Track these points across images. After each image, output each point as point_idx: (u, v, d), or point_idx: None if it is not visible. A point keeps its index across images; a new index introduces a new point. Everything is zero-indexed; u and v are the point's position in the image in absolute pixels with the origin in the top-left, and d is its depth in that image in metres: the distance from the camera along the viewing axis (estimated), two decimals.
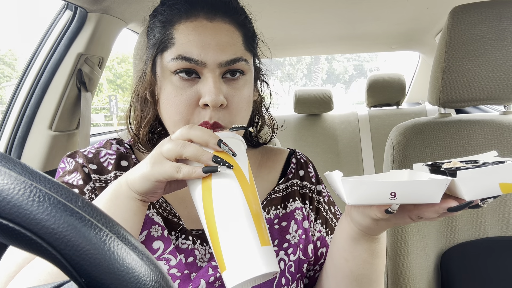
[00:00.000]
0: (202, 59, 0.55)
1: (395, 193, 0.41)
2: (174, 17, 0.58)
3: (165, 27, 0.58)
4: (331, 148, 2.26)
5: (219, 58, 0.55)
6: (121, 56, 18.80)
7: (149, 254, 0.26)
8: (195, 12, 0.57)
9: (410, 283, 0.93)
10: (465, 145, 0.96)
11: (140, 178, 0.48)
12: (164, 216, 0.61)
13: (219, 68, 0.56)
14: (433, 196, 0.41)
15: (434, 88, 0.95)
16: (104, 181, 0.62)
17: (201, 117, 0.56)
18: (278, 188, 0.69)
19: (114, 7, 1.17)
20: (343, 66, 32.42)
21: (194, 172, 0.45)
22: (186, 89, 0.56)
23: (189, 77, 0.56)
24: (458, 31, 0.89)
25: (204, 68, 0.55)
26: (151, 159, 0.48)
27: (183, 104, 0.56)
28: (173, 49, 0.56)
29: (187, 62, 0.55)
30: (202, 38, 0.55)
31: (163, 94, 0.58)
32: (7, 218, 0.22)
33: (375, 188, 0.41)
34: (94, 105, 15.60)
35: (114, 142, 0.68)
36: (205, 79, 0.56)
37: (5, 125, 1.18)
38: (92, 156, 0.63)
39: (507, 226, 0.93)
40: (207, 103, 0.54)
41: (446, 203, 0.42)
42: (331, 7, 1.54)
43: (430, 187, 0.40)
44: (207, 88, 0.55)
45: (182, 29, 0.56)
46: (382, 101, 2.41)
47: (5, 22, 45.84)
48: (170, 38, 0.57)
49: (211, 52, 0.55)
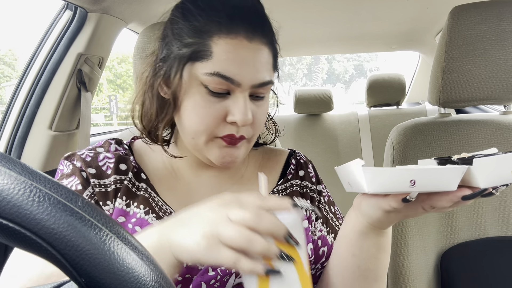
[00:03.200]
0: (238, 80, 0.55)
1: (414, 181, 0.41)
2: (213, 28, 0.55)
3: (200, 35, 0.55)
4: (331, 148, 2.25)
5: (254, 80, 0.56)
6: (121, 56, 18.80)
7: (149, 254, 0.26)
8: (236, 28, 0.55)
9: (410, 283, 0.93)
10: (465, 145, 0.96)
11: (189, 255, 0.42)
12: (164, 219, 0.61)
13: (250, 89, 0.57)
14: (451, 184, 0.42)
15: (434, 88, 0.95)
16: (104, 185, 0.61)
17: (226, 130, 0.57)
18: (277, 189, 0.69)
19: (114, 7, 1.17)
20: (343, 66, 32.41)
21: (255, 268, 0.40)
22: (215, 103, 0.56)
23: (220, 92, 0.56)
24: (458, 31, 0.89)
25: (237, 88, 0.55)
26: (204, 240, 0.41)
27: (211, 117, 0.56)
28: (209, 63, 0.54)
29: (223, 80, 0.54)
30: (241, 59, 0.55)
31: (189, 101, 0.57)
32: (7, 218, 0.22)
33: (396, 175, 0.42)
34: (94, 105, 15.60)
35: (113, 142, 0.67)
36: (236, 97, 0.56)
37: (5, 125, 1.18)
38: (90, 160, 0.62)
39: (507, 226, 0.93)
40: (237, 122, 0.55)
41: (461, 191, 0.43)
42: (331, 7, 1.53)
43: (448, 174, 0.41)
44: (237, 108, 0.55)
45: (221, 44, 0.54)
46: (382, 101, 2.41)
47: (5, 22, 45.82)
48: (207, 50, 0.55)
49: (248, 74, 0.55)
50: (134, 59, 0.85)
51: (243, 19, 0.55)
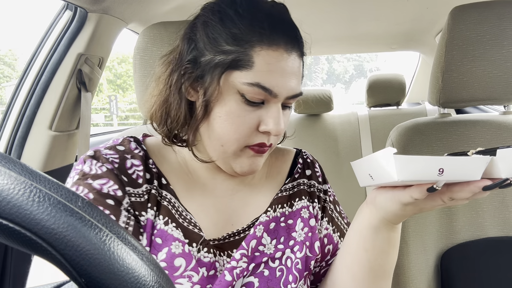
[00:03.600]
0: (276, 91, 0.55)
1: (443, 169, 0.43)
2: (254, 38, 0.54)
3: (240, 44, 0.55)
4: (331, 148, 2.25)
5: (290, 92, 0.57)
6: (121, 56, 18.80)
7: (149, 254, 0.26)
8: (277, 40, 0.55)
9: (410, 283, 0.93)
10: (465, 145, 0.96)
11: None
12: (184, 226, 0.60)
13: (284, 100, 0.58)
14: (475, 174, 0.44)
15: (434, 88, 0.95)
16: (138, 195, 0.58)
17: (257, 139, 0.58)
18: (284, 187, 0.70)
19: (114, 7, 1.17)
20: (343, 66, 32.40)
21: None
22: (250, 112, 0.56)
23: (257, 102, 0.56)
24: (458, 31, 0.89)
25: (273, 99, 0.56)
26: None
27: (245, 126, 0.56)
28: (250, 73, 0.54)
29: (262, 90, 0.54)
30: (281, 71, 0.55)
31: (222, 108, 0.56)
32: (7, 218, 0.22)
33: (426, 163, 0.43)
34: (94, 105, 15.61)
35: (132, 140, 0.64)
36: (270, 107, 0.57)
37: (5, 125, 1.18)
38: (118, 166, 0.58)
39: (507, 226, 0.93)
40: (271, 131, 0.56)
41: (482, 181, 0.44)
42: (331, 7, 1.53)
43: (475, 163, 0.43)
44: (272, 118, 0.56)
45: (263, 55, 0.54)
46: (382, 101, 2.41)
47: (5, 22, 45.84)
48: (248, 59, 0.54)
49: (285, 86, 0.56)
50: (134, 59, 0.85)
51: (284, 31, 0.56)
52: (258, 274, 0.61)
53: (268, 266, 0.62)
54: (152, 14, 1.33)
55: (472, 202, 0.94)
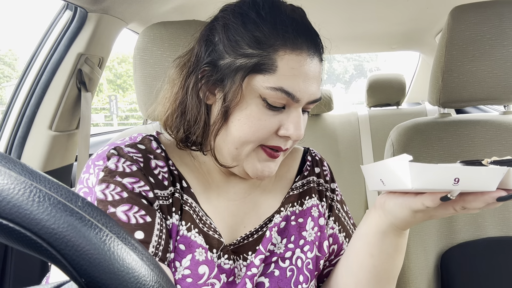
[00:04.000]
0: (299, 96, 0.55)
1: (458, 179, 0.41)
2: (278, 41, 0.53)
3: (263, 48, 0.54)
4: (331, 148, 2.25)
5: (311, 97, 0.56)
6: (121, 56, 18.80)
7: (149, 254, 0.26)
8: (300, 45, 0.54)
9: (410, 283, 0.93)
10: (465, 145, 0.96)
11: None
12: (205, 232, 0.58)
13: (305, 104, 0.57)
14: (491, 184, 0.43)
15: (434, 88, 0.95)
16: (164, 198, 0.57)
17: (274, 141, 0.57)
18: (295, 185, 0.69)
19: (114, 7, 1.17)
20: (343, 66, 32.41)
21: None
22: (271, 117, 0.55)
23: (278, 106, 0.55)
24: (458, 31, 0.89)
25: (294, 103, 0.55)
26: None
27: (265, 130, 0.55)
28: (273, 77, 0.53)
29: (286, 95, 0.54)
30: (304, 76, 0.55)
31: (242, 112, 0.55)
32: (7, 218, 0.22)
33: (441, 172, 0.42)
34: (94, 105, 15.61)
35: (152, 139, 0.62)
36: (291, 112, 0.56)
37: (5, 125, 1.18)
38: (143, 166, 0.56)
39: (507, 226, 0.93)
40: (291, 136, 0.56)
41: (497, 192, 0.43)
42: (331, 7, 1.53)
43: (491, 174, 0.42)
44: (293, 123, 0.56)
45: (287, 59, 0.53)
46: (382, 101, 2.41)
47: (5, 22, 45.83)
48: (272, 63, 0.53)
49: (308, 91, 0.55)
50: (134, 59, 0.85)
51: (307, 35, 0.56)
52: (268, 274, 0.61)
53: (278, 266, 0.62)
54: (152, 14, 1.33)
55: None
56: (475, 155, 0.95)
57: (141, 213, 0.52)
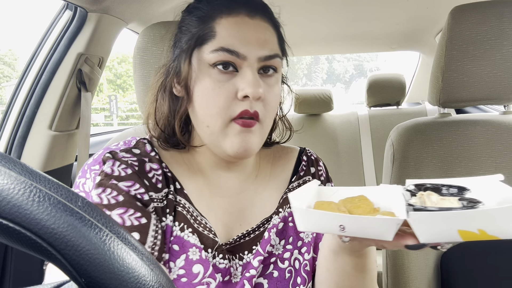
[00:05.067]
0: (243, 52, 0.56)
1: (344, 227, 0.39)
2: (215, 12, 0.58)
3: (204, 21, 0.58)
4: (331, 148, 2.25)
5: (259, 53, 0.57)
6: (121, 56, 18.80)
7: (149, 254, 0.26)
8: (237, 9, 0.58)
9: (410, 283, 0.93)
10: (465, 145, 0.96)
11: None
12: (200, 231, 0.59)
13: (257, 63, 0.57)
14: (385, 234, 0.39)
15: (434, 88, 0.95)
16: (159, 200, 0.58)
17: (238, 108, 0.56)
18: (291, 186, 0.69)
19: (114, 7, 1.17)
20: (343, 66, 32.40)
21: None
22: (224, 83, 0.56)
23: (227, 70, 0.56)
24: (458, 31, 0.89)
25: (243, 62, 0.56)
26: None
27: (222, 97, 0.56)
28: (213, 42, 0.56)
29: (229, 54, 0.55)
30: (244, 33, 0.57)
31: (199, 87, 0.58)
32: (7, 218, 0.22)
33: (325, 218, 0.40)
34: (94, 105, 15.60)
35: (146, 142, 0.64)
36: (243, 72, 0.56)
37: (5, 125, 1.18)
38: (138, 170, 0.58)
39: None
40: (248, 94, 0.55)
41: (403, 240, 0.40)
42: (331, 7, 1.53)
43: (380, 225, 0.39)
44: (246, 81, 0.55)
45: (223, 23, 0.57)
46: (382, 101, 2.41)
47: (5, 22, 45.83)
48: (211, 31, 0.57)
49: (252, 46, 0.56)
50: (134, 59, 0.85)
51: (243, 1, 0.59)
52: (267, 275, 0.61)
53: (277, 267, 0.62)
54: (152, 14, 1.33)
55: None
56: (475, 155, 0.95)
57: (136, 215, 0.53)
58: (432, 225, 0.37)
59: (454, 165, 0.95)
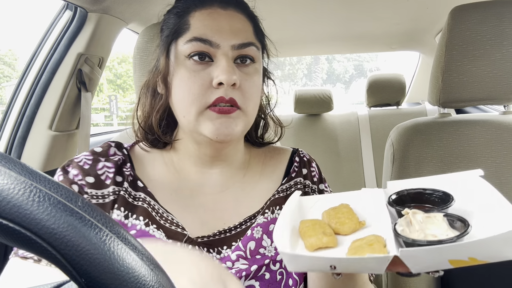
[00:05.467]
0: (216, 40, 0.57)
1: (334, 266, 0.39)
2: (189, 7, 0.61)
3: (180, 16, 0.61)
4: (331, 148, 2.25)
5: (232, 41, 0.58)
6: (121, 56, 18.80)
7: (149, 254, 0.26)
8: (210, 1, 0.60)
9: (410, 283, 0.93)
10: (465, 145, 0.96)
11: None
12: (166, 227, 0.60)
13: (232, 51, 0.58)
14: (376, 269, 0.39)
15: (434, 88, 0.95)
16: (101, 196, 0.60)
17: (214, 95, 0.57)
18: (281, 188, 0.69)
19: (114, 7, 1.17)
20: (343, 66, 32.41)
21: None
22: (200, 72, 0.58)
23: (202, 60, 0.58)
24: (458, 31, 0.89)
25: (217, 51, 0.58)
26: None
27: (197, 85, 0.57)
28: (188, 34, 0.59)
29: (202, 43, 0.57)
30: (217, 23, 0.59)
31: (176, 79, 0.60)
32: (7, 218, 0.22)
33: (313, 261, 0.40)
34: (94, 105, 15.59)
35: (113, 145, 0.66)
36: (218, 61, 0.58)
37: (5, 125, 1.18)
38: (88, 168, 0.61)
39: None
40: (222, 81, 0.56)
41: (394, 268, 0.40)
42: (331, 7, 1.53)
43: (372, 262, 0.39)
44: (220, 68, 0.57)
45: (197, 16, 0.59)
46: (382, 101, 2.41)
47: (5, 22, 45.85)
48: (185, 24, 0.59)
49: (225, 35, 0.58)
50: (134, 59, 0.85)
51: None
52: (259, 277, 0.61)
53: (269, 269, 0.62)
54: (152, 14, 1.33)
55: None
56: (475, 155, 0.95)
57: None
58: (423, 258, 0.38)
59: (454, 165, 0.95)
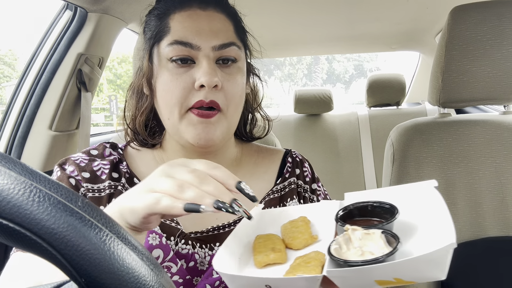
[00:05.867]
0: (196, 43, 0.57)
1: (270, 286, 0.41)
2: (169, 9, 0.61)
3: (160, 19, 0.61)
4: (331, 148, 2.25)
5: (213, 42, 0.58)
6: (121, 56, 18.80)
7: (150, 255, 0.26)
8: (189, 3, 0.60)
9: None
10: (465, 145, 0.96)
11: (129, 211, 0.43)
12: (161, 222, 0.60)
13: (213, 52, 0.59)
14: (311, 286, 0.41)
15: (434, 88, 0.95)
16: (97, 190, 0.61)
17: (195, 98, 0.58)
18: (276, 188, 0.69)
19: (114, 7, 1.17)
20: (343, 66, 32.40)
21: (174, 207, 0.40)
22: (182, 74, 0.58)
23: (184, 63, 0.58)
24: (458, 31, 0.89)
25: (198, 53, 0.58)
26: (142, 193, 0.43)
27: (179, 88, 0.58)
28: (168, 37, 0.59)
29: (183, 46, 0.57)
30: (197, 24, 0.58)
31: (159, 82, 0.60)
32: (7, 218, 0.22)
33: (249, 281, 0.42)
34: (94, 105, 15.59)
35: (107, 146, 0.67)
36: (199, 63, 0.58)
37: (5, 125, 1.18)
38: (84, 165, 0.62)
39: (507, 226, 0.93)
40: (203, 83, 0.56)
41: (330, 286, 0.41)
42: (331, 7, 1.53)
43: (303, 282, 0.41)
44: (202, 71, 0.57)
45: (177, 18, 0.59)
46: (382, 101, 2.41)
47: (5, 22, 45.86)
48: (166, 27, 0.60)
49: (205, 37, 0.58)
50: (134, 59, 0.85)
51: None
52: None
53: None
54: None
55: (472, 202, 0.94)
56: (475, 155, 0.95)
57: None
58: (350, 278, 0.40)
59: (454, 165, 0.95)
